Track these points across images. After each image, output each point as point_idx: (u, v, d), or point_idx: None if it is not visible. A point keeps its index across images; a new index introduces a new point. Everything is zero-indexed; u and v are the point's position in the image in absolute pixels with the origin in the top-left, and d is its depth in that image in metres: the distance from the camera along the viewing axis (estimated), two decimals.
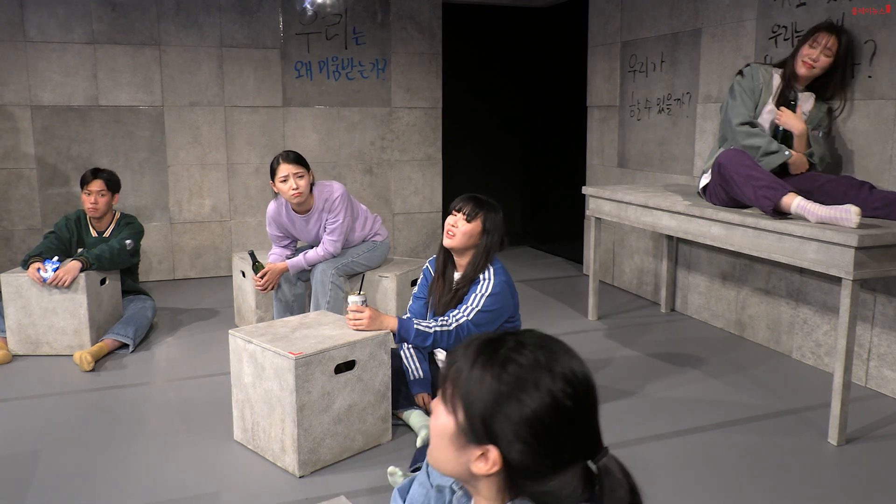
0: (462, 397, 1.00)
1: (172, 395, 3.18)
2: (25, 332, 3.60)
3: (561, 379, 0.98)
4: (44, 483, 2.40)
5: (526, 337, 1.03)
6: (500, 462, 0.99)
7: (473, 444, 1.00)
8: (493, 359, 1.00)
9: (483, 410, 0.98)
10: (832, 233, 2.55)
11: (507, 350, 1.00)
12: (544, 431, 0.97)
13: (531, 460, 0.97)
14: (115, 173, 3.98)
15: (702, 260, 4.22)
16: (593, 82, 5.26)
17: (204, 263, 5.45)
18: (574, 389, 0.99)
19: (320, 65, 5.47)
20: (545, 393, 0.97)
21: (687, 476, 2.44)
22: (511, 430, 0.97)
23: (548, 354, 1.00)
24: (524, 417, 0.96)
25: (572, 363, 1.01)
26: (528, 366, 0.98)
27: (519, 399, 0.97)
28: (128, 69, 5.05)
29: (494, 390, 0.98)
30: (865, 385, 3.21)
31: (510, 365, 0.98)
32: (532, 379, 0.97)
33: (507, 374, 0.98)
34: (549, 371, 0.98)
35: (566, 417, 0.98)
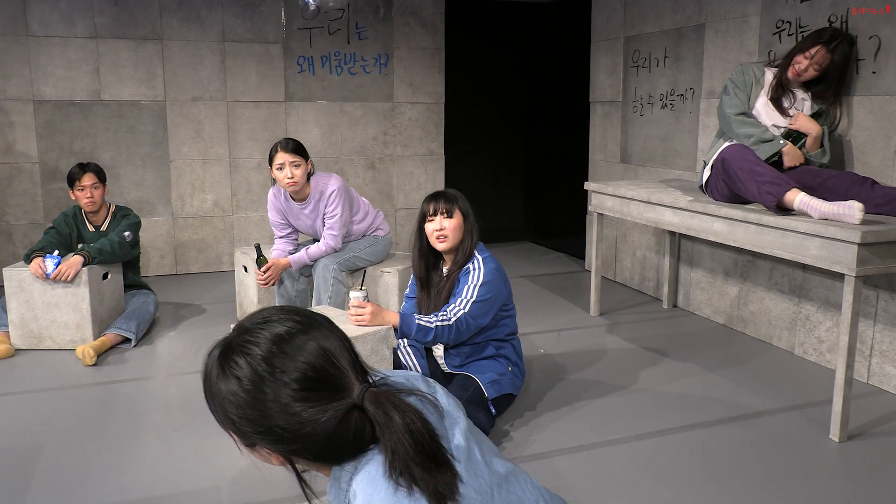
0: (215, 416, 1.08)
1: (174, 390, 3.18)
2: (28, 326, 3.61)
3: (288, 376, 1.02)
4: (46, 476, 2.41)
5: (247, 339, 1.07)
6: (276, 453, 1.05)
7: (255, 447, 1.07)
8: (221, 372, 1.06)
9: (235, 423, 1.05)
10: (835, 229, 2.54)
11: (226, 361, 1.06)
12: (287, 416, 1.01)
13: (294, 439, 1.02)
14: (99, 164, 3.97)
15: (704, 256, 4.21)
16: (596, 77, 5.25)
17: (206, 258, 5.45)
18: (302, 377, 1.02)
19: (322, 60, 5.46)
20: (271, 395, 1.02)
21: (688, 472, 2.44)
22: (259, 427, 1.03)
23: (268, 354, 1.03)
24: (265, 413, 1.02)
25: (300, 354, 1.03)
26: (248, 374, 1.03)
27: (252, 404, 1.02)
28: (130, 64, 5.05)
29: (233, 402, 1.04)
30: (867, 382, 3.21)
31: (229, 378, 1.05)
32: (259, 382, 1.02)
33: (231, 384, 1.04)
34: (271, 373, 1.02)
35: (303, 394, 1.01)
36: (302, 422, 1.00)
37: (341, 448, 1.03)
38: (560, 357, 3.54)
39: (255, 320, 1.08)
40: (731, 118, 3.22)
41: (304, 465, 1.08)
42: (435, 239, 2.74)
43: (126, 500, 2.26)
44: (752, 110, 3.25)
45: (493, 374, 2.74)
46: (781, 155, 3.12)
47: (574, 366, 3.42)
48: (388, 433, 0.99)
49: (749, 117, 3.22)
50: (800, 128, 3.14)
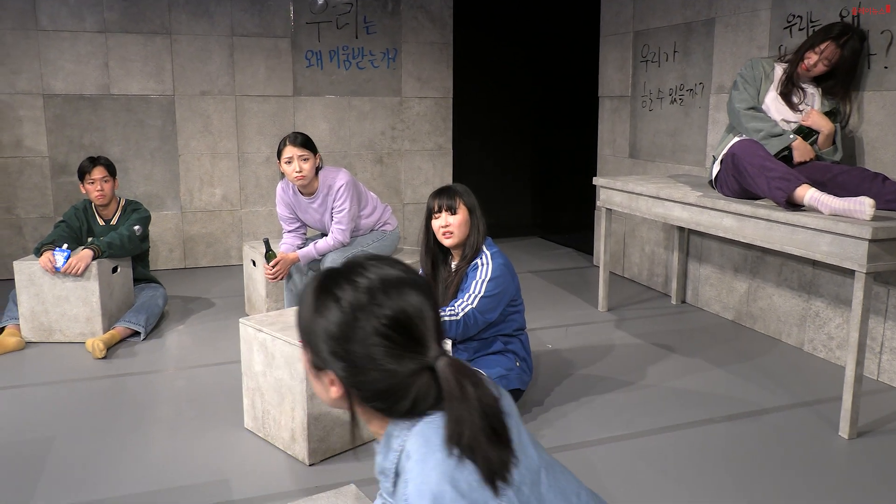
0: (299, 328, 1.10)
1: (183, 383, 3.20)
2: (38, 319, 3.63)
3: (385, 309, 1.04)
4: (57, 468, 2.43)
5: (356, 267, 1.09)
6: (339, 384, 1.06)
7: (322, 371, 1.08)
8: (320, 291, 1.08)
9: (315, 339, 1.07)
10: (846, 225, 2.53)
11: (331, 284, 1.08)
12: (366, 354, 1.03)
13: (366, 373, 1.04)
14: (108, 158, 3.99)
15: (713, 252, 4.20)
16: (605, 72, 5.23)
17: (215, 252, 5.47)
18: (394, 316, 1.04)
19: (331, 54, 5.46)
20: (365, 323, 1.03)
21: (696, 468, 2.44)
22: (336, 353, 1.05)
23: (372, 285, 1.06)
24: (347, 342, 1.03)
25: (401, 294, 1.06)
26: (349, 300, 1.05)
27: (345, 327, 1.04)
28: (139, 58, 5.06)
29: (322, 320, 1.06)
30: (877, 379, 3.19)
31: (334, 296, 1.06)
32: (355, 308, 1.04)
33: (327, 307, 1.05)
34: (371, 302, 1.05)
35: (389, 339, 1.03)
36: (376, 359, 1.03)
37: (399, 402, 1.04)
38: (568, 352, 3.54)
39: (367, 258, 1.12)
40: (740, 113, 3.21)
41: (359, 413, 1.10)
42: (441, 235, 2.74)
43: (135, 493, 2.28)
44: (762, 105, 3.23)
45: (501, 369, 2.74)
46: (791, 150, 3.11)
47: (582, 361, 3.41)
48: (458, 403, 1.01)
49: (758, 112, 3.21)
50: (812, 124, 3.13)
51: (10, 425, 2.76)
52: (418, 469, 0.99)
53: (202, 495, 2.27)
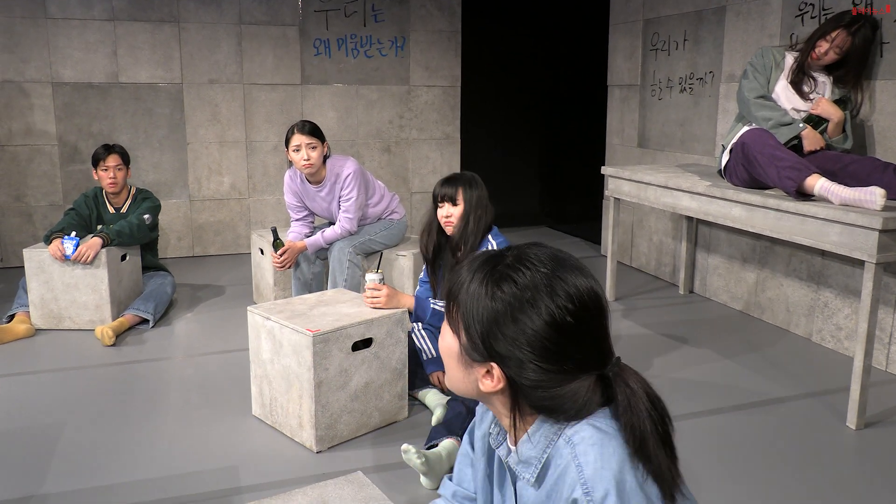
0: (462, 316, 1.01)
1: (192, 371, 3.21)
2: (48, 306, 3.66)
3: (563, 297, 0.98)
4: (67, 453, 2.45)
5: (529, 252, 1.02)
6: (504, 379, 1.00)
7: (478, 363, 1.02)
8: (491, 276, 1.00)
9: (482, 329, 1.00)
10: (856, 215, 2.51)
11: (504, 267, 1.00)
12: (544, 349, 0.97)
13: (534, 376, 0.98)
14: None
15: (721, 241, 4.18)
16: (614, 61, 5.20)
17: (223, 240, 5.49)
18: (576, 307, 0.98)
19: (339, 42, 5.44)
20: (543, 312, 0.97)
21: (703, 458, 2.44)
22: (510, 348, 0.98)
23: (549, 271, 0.99)
24: (523, 336, 0.97)
25: (577, 280, 1.00)
26: (525, 285, 0.98)
27: (515, 319, 0.98)
28: (147, 46, 5.06)
29: (491, 309, 0.99)
30: (886, 369, 3.18)
31: (506, 283, 0.99)
32: (529, 298, 0.97)
33: (502, 292, 0.98)
34: (548, 290, 0.98)
35: (567, 334, 0.98)
36: (549, 357, 0.98)
37: (570, 403, 1.00)
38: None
39: (529, 249, 1.04)
40: (750, 101, 3.19)
41: (504, 405, 1.04)
42: (444, 224, 2.75)
43: (144, 479, 2.30)
44: (772, 94, 3.21)
45: None
46: (801, 139, 3.08)
47: None
48: (636, 410, 0.97)
49: (768, 101, 3.18)
50: (822, 113, 3.10)
51: (22, 411, 2.79)
52: (596, 452, 0.95)
53: (210, 482, 2.28)
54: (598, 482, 0.94)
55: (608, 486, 0.93)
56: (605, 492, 0.93)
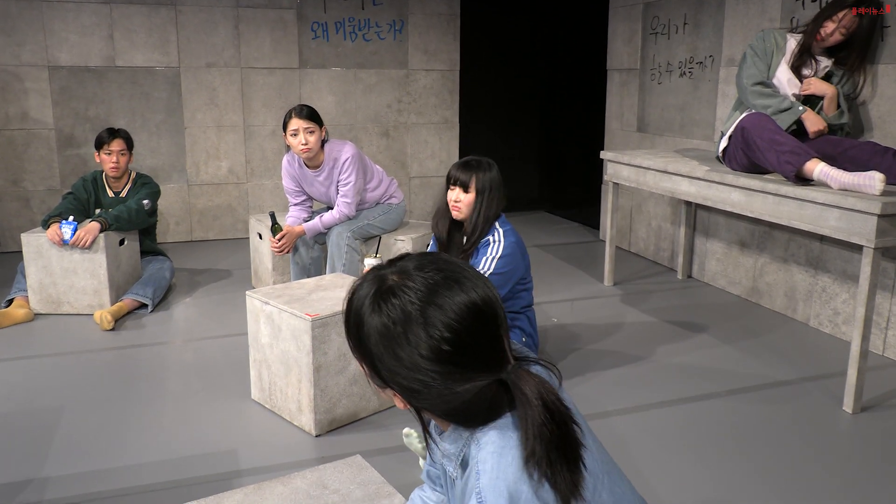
0: (354, 348, 1.04)
1: (191, 355, 3.22)
2: (46, 291, 3.66)
3: (440, 326, 0.96)
4: (66, 437, 2.46)
5: (406, 279, 1.01)
6: (404, 401, 1.03)
7: (381, 387, 1.05)
8: (371, 307, 1.00)
9: (370, 363, 1.02)
10: (854, 200, 2.51)
11: (379, 297, 1.00)
12: (432, 375, 0.97)
13: (430, 397, 0.99)
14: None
15: (720, 226, 4.18)
16: (614, 45, 5.17)
17: (221, 225, 5.48)
18: (454, 333, 0.96)
19: (337, 25, 5.41)
20: (421, 346, 0.96)
21: (700, 442, 2.45)
22: (400, 380, 0.99)
23: (422, 300, 0.98)
24: (407, 370, 0.98)
25: (455, 299, 0.98)
26: (396, 319, 0.98)
27: (396, 356, 0.98)
28: (144, 29, 5.03)
29: (375, 346, 1.00)
30: (882, 354, 3.19)
31: (379, 316, 0.99)
32: (401, 333, 0.97)
33: (377, 331, 0.99)
34: (422, 322, 0.97)
35: (450, 360, 0.97)
36: (442, 385, 0.98)
37: (472, 418, 1.01)
38: (573, 327, 3.54)
39: (414, 264, 1.04)
40: (747, 89, 3.17)
41: (428, 415, 1.07)
42: (451, 208, 2.75)
43: (144, 462, 2.31)
44: (773, 79, 3.19)
45: None
46: (803, 122, 3.07)
47: (587, 336, 3.42)
48: (530, 418, 0.96)
49: (767, 87, 3.16)
50: (814, 91, 3.08)
51: (21, 395, 2.79)
52: (493, 462, 0.96)
53: (209, 465, 2.29)
54: (492, 493, 0.94)
55: (500, 499, 0.93)
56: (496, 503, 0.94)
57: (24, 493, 2.13)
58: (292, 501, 1.44)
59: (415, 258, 1.05)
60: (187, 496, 1.93)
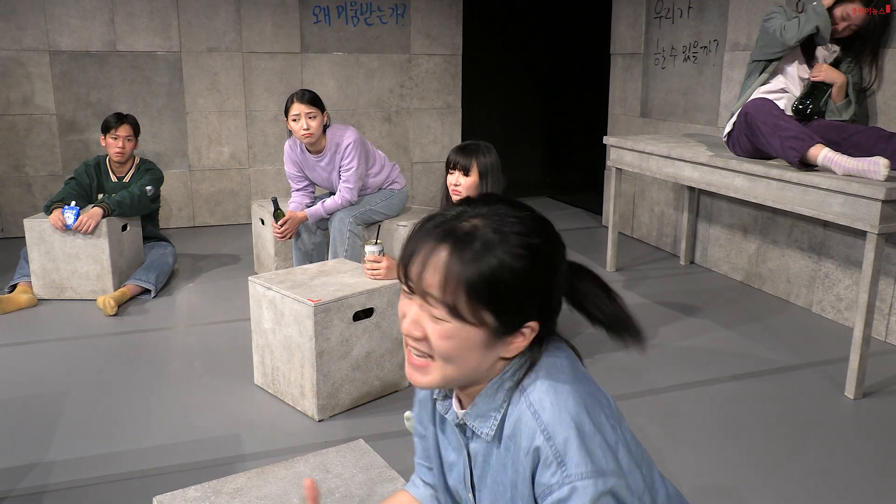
0: (490, 297, 0.93)
1: (194, 340, 3.23)
2: (49, 276, 3.66)
3: (539, 219, 1.02)
4: (71, 422, 2.47)
5: (473, 209, 0.98)
6: (538, 326, 1.00)
7: (508, 335, 0.98)
8: (494, 240, 0.94)
9: (521, 294, 0.95)
10: (858, 185, 2.49)
11: (473, 231, 0.95)
12: (557, 267, 1.02)
13: (557, 294, 1.04)
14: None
15: (723, 212, 4.17)
16: (617, 29, 5.14)
17: (223, 211, 5.48)
18: (541, 238, 1.00)
19: (339, 10, 5.38)
20: (553, 240, 1.02)
21: (702, 426, 2.46)
22: (548, 292, 1.01)
23: (502, 210, 0.99)
24: (555, 274, 1.01)
25: (526, 215, 1.02)
26: (529, 229, 0.99)
27: (547, 262, 0.99)
28: (145, 13, 5.00)
29: (524, 268, 0.94)
30: (885, 340, 3.19)
31: (506, 253, 0.94)
32: (538, 253, 0.97)
33: (522, 247, 0.95)
34: (534, 220, 1.02)
35: (547, 262, 1.00)
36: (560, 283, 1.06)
37: (556, 315, 1.07)
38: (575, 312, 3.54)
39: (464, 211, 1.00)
40: (767, 27, 3.04)
41: (486, 359, 0.99)
42: (451, 192, 2.75)
43: (147, 447, 2.32)
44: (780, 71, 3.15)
45: None
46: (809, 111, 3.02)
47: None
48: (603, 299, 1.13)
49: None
50: (825, 78, 3.06)
51: (25, 380, 2.81)
52: (551, 399, 0.96)
53: (212, 450, 2.31)
54: (559, 426, 0.94)
55: (568, 430, 0.93)
56: (566, 436, 0.93)
57: (29, 477, 2.15)
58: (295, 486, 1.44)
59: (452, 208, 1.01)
60: (190, 480, 1.94)
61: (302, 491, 1.42)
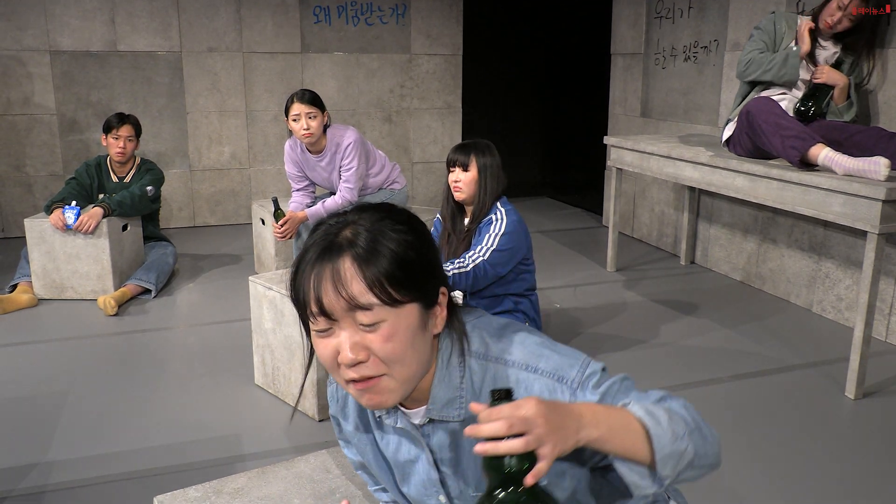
0: (404, 283, 0.94)
1: (194, 340, 3.23)
2: (50, 276, 3.66)
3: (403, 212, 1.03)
4: (72, 422, 2.47)
5: (354, 222, 0.98)
6: (446, 292, 1.03)
7: (433, 306, 1.00)
8: (377, 240, 0.95)
9: (427, 265, 0.99)
10: (859, 185, 2.49)
11: (354, 236, 0.95)
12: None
13: (442, 270, 1.04)
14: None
15: (724, 212, 4.17)
16: (618, 29, 5.14)
17: (224, 211, 5.48)
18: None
19: (339, 10, 5.38)
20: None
21: None
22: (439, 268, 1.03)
23: (376, 217, 0.99)
24: (420, 250, 0.99)
25: (377, 208, 1.03)
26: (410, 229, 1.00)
27: (429, 249, 1.00)
28: (145, 13, 5.00)
29: (424, 240, 1.00)
30: (885, 340, 3.19)
31: (394, 241, 0.95)
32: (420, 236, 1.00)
33: (401, 244, 0.96)
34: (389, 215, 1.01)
35: (423, 232, 1.02)
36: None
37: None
38: (576, 312, 3.54)
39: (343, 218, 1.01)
40: (741, 65, 3.16)
41: (427, 337, 1.01)
42: (452, 189, 2.77)
43: (147, 447, 2.32)
44: None
45: None
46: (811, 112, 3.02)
47: (590, 321, 3.42)
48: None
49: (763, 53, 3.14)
50: (826, 80, 3.06)
51: (26, 380, 2.81)
52: (505, 345, 1.02)
53: (213, 450, 2.31)
54: (532, 358, 1.00)
55: (541, 355, 1.00)
56: (545, 359, 1.00)
57: (30, 477, 2.15)
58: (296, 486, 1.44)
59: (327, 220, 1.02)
60: (191, 480, 1.94)
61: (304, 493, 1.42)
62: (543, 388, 0.98)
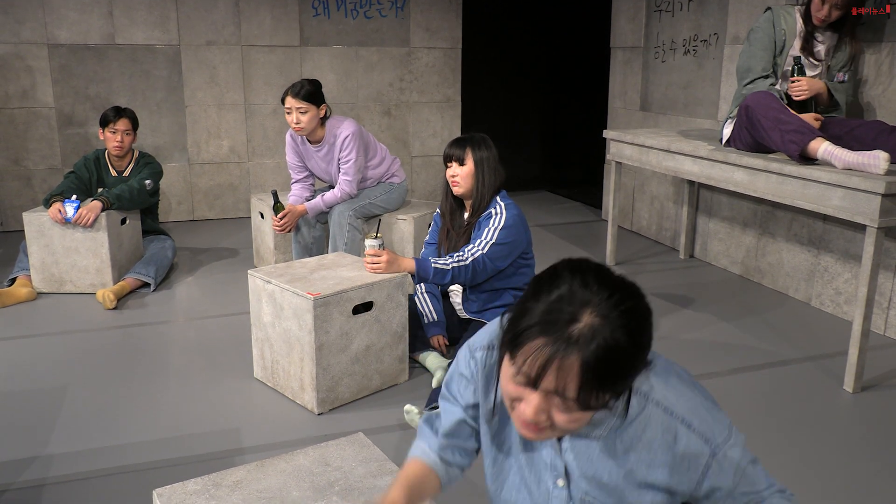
0: (607, 389, 0.96)
1: (193, 334, 3.23)
2: (49, 270, 3.66)
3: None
4: (70, 415, 2.48)
5: (595, 306, 0.97)
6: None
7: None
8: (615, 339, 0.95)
9: (633, 372, 1.00)
10: (858, 179, 2.49)
11: (591, 333, 0.94)
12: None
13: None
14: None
15: (723, 206, 4.16)
16: (617, 22, 5.12)
17: (222, 204, 5.47)
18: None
19: (338, 3, 5.36)
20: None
21: None
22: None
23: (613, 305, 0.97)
24: (637, 356, 1.00)
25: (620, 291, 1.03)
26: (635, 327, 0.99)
27: (645, 334, 1.00)
28: (143, 6, 4.99)
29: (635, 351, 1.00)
30: (884, 334, 3.19)
31: (623, 335, 0.95)
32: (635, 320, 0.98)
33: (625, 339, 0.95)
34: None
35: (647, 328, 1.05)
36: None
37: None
38: None
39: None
40: (740, 88, 3.19)
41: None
42: (450, 184, 2.77)
43: (147, 440, 2.32)
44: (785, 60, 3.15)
45: None
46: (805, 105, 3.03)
47: None
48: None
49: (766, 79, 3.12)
50: (808, 96, 3.04)
51: (25, 374, 2.81)
52: (675, 393, 1.09)
53: (212, 443, 2.31)
54: (689, 413, 1.08)
55: (696, 412, 1.08)
56: (699, 417, 1.08)
57: (29, 471, 2.15)
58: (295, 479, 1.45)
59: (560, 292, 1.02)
60: (190, 473, 1.94)
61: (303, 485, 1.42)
62: (691, 443, 1.07)
